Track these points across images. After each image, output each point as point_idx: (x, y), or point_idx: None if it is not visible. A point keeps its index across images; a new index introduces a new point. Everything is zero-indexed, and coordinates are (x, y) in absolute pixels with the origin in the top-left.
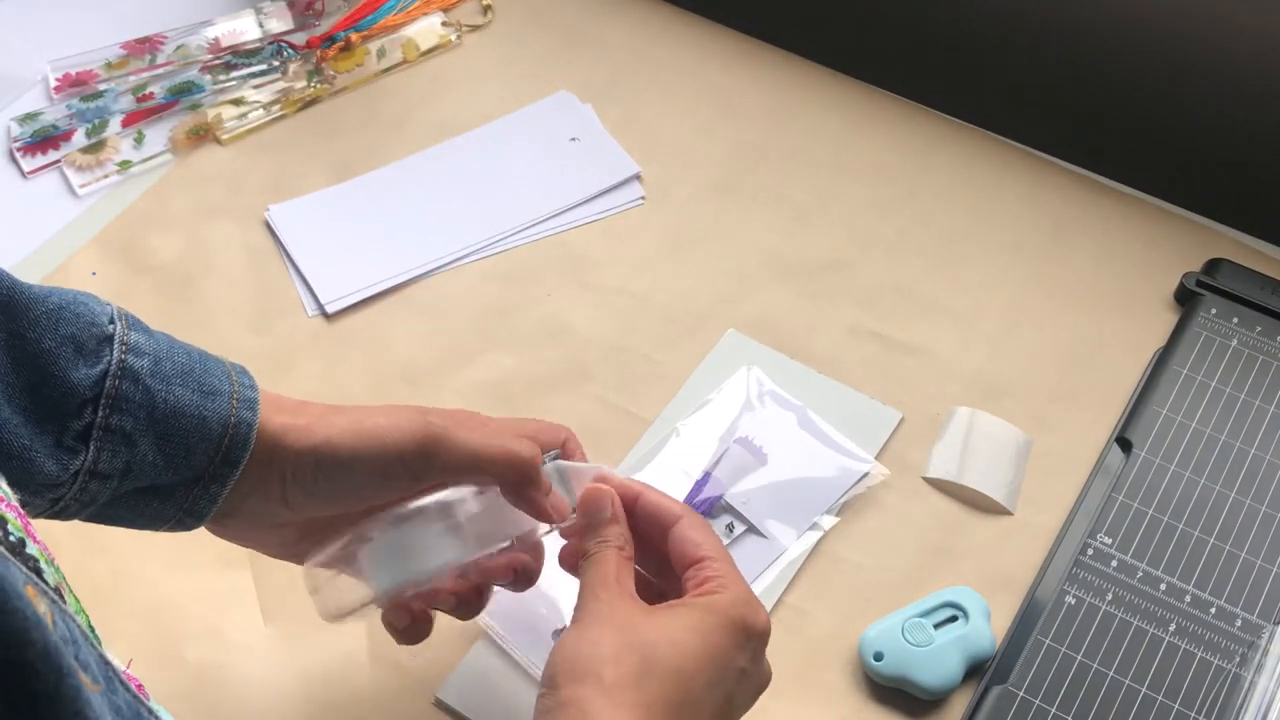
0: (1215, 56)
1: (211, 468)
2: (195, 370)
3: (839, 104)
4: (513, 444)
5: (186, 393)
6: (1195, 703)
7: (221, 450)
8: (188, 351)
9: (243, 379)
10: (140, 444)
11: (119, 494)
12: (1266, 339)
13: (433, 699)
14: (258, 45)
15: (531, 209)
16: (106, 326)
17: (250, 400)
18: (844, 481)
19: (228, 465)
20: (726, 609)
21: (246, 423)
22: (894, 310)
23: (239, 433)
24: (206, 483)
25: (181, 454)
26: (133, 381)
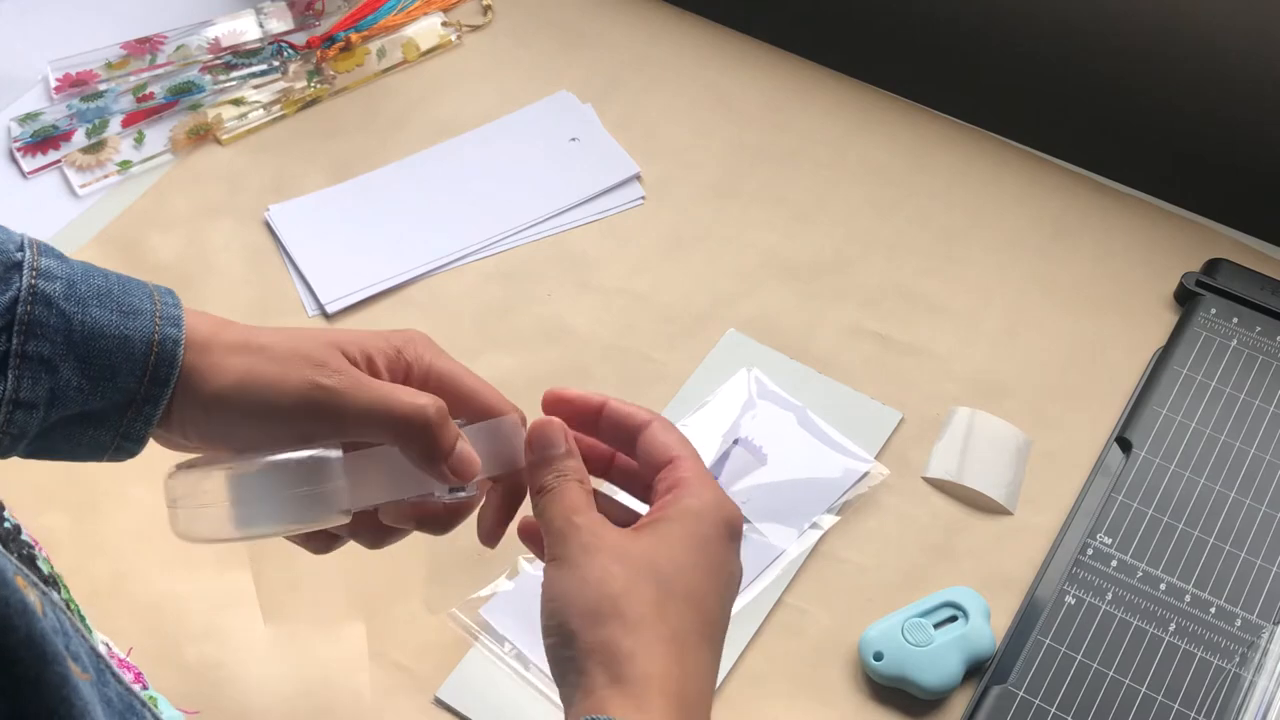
0: (1215, 57)
1: (142, 389)
2: (114, 292)
3: (839, 104)
4: (406, 406)
5: (105, 314)
6: (1195, 703)
7: (149, 370)
8: (106, 275)
9: (166, 298)
10: (61, 369)
11: (50, 424)
12: (1266, 339)
13: (433, 699)
14: (258, 45)
15: (531, 209)
16: (15, 254)
17: (174, 318)
18: (844, 481)
19: (157, 385)
20: (713, 513)
21: (172, 339)
22: (894, 310)
23: (165, 350)
24: (140, 404)
25: (106, 376)
26: (46, 306)
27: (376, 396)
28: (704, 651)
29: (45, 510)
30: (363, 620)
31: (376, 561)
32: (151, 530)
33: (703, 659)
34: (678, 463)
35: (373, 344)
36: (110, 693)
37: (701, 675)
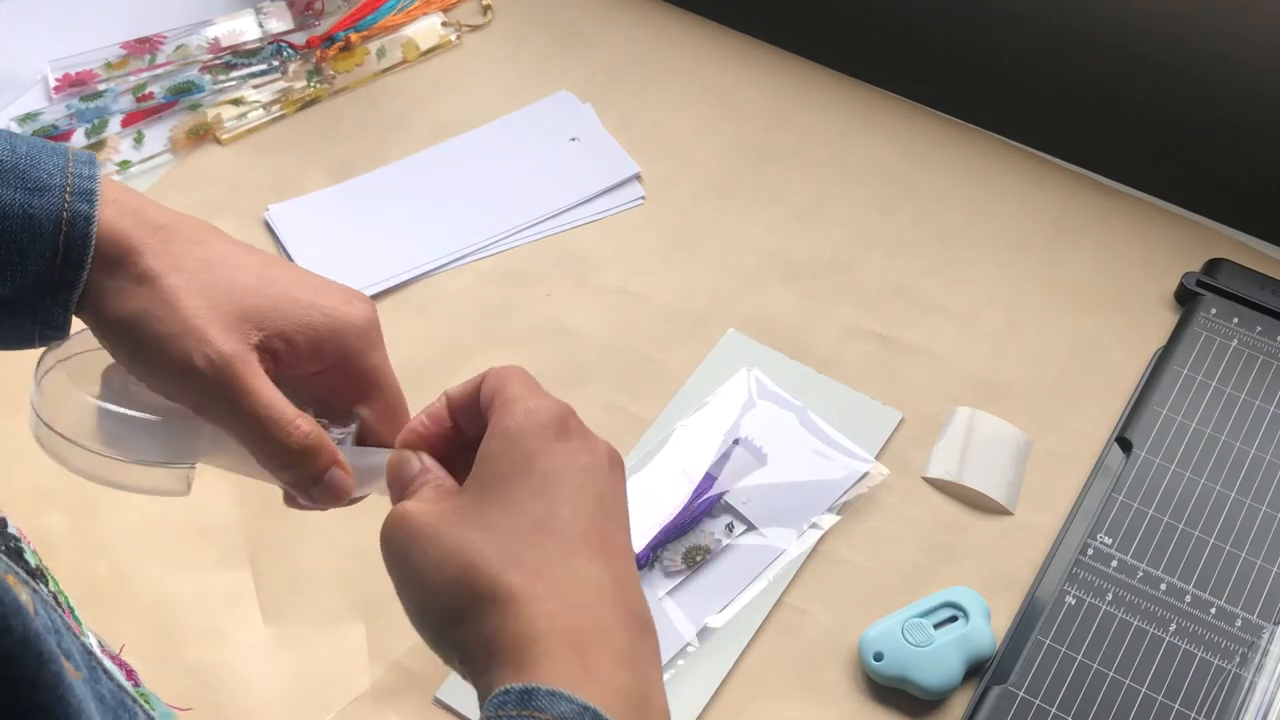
0: (1215, 56)
1: (55, 273)
2: (20, 166)
3: (839, 104)
4: (272, 436)
5: (8, 191)
6: (1195, 703)
7: (60, 251)
8: (14, 146)
9: (81, 168)
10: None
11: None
12: (1266, 339)
13: (432, 699)
14: (258, 45)
15: (531, 209)
16: None
17: (87, 192)
18: (844, 481)
19: (71, 267)
20: (528, 423)
21: (84, 216)
22: (894, 310)
23: (75, 229)
24: (55, 289)
25: (15, 260)
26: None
27: (249, 411)
28: (579, 565)
29: (45, 510)
30: (363, 620)
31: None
32: (151, 530)
33: (579, 573)
34: (499, 389)
35: (300, 321)
36: (103, 689)
37: (586, 588)
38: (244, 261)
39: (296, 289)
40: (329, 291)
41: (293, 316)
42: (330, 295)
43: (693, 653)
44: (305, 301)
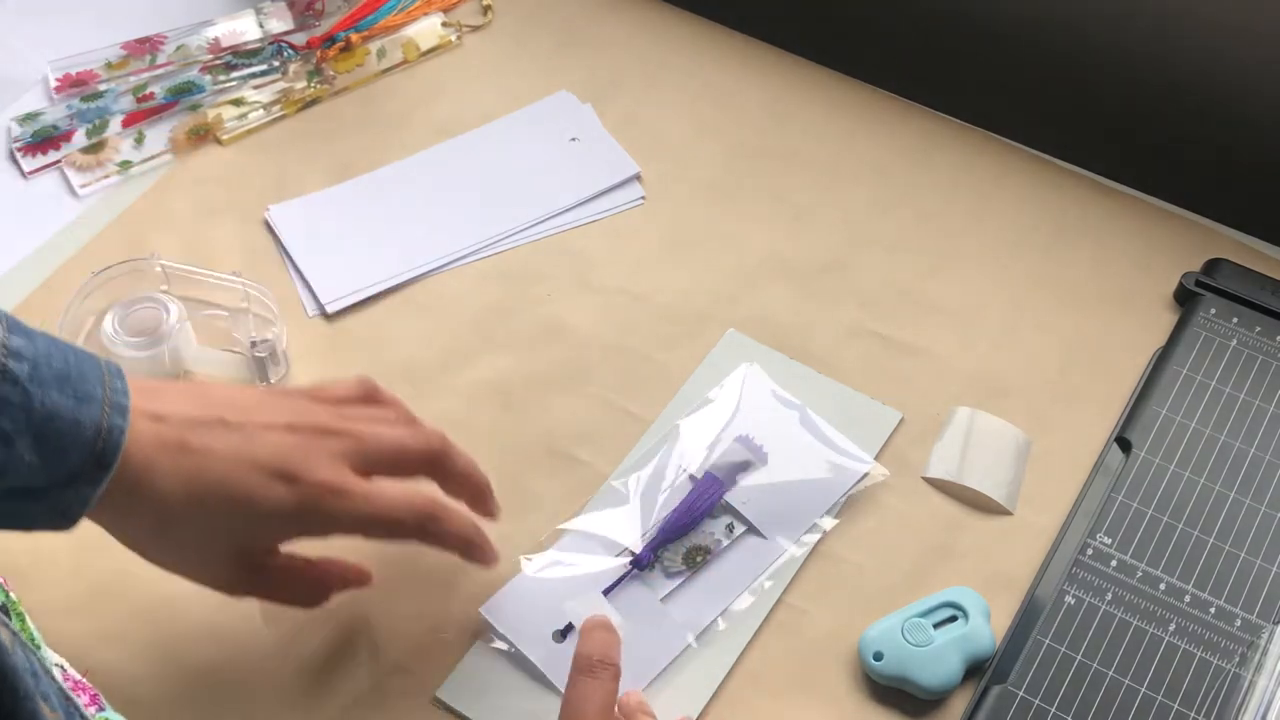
0: (1215, 56)
1: (84, 470)
2: (72, 376)
3: (839, 104)
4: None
5: (63, 398)
6: (1195, 703)
7: (94, 453)
8: (65, 357)
9: (115, 383)
10: (17, 444)
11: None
12: (1266, 339)
13: (432, 698)
14: (258, 45)
15: (531, 209)
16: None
17: (122, 407)
18: (844, 482)
19: (100, 468)
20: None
21: (119, 428)
22: (894, 310)
23: (111, 438)
24: (79, 485)
25: (57, 456)
26: (13, 384)
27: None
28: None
29: None
30: (363, 621)
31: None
32: None
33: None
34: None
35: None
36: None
37: None
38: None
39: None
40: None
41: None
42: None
43: (693, 653)
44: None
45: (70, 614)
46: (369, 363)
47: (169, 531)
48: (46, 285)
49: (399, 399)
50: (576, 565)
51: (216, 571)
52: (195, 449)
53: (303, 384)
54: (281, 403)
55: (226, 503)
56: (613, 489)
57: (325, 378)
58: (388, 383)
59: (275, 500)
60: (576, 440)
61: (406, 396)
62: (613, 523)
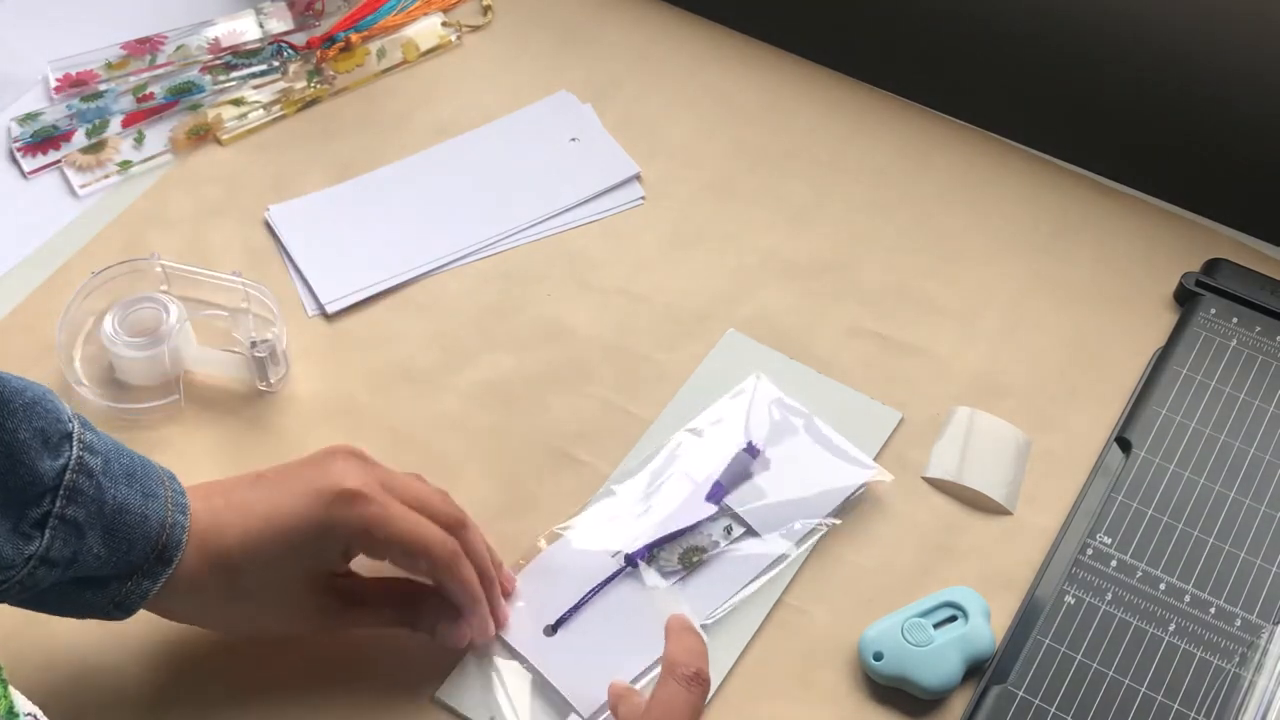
0: (1216, 56)
1: (146, 564)
2: (138, 473)
3: (839, 104)
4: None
5: (131, 493)
6: (1195, 703)
7: (157, 548)
8: (130, 455)
9: (174, 484)
10: (89, 536)
11: (58, 582)
12: (1266, 339)
13: (431, 698)
14: (258, 45)
15: (531, 209)
16: (67, 423)
17: (182, 505)
18: (847, 488)
19: (161, 563)
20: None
21: (180, 525)
22: (894, 310)
23: (174, 534)
24: (139, 578)
25: (124, 548)
26: (88, 476)
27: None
28: None
29: None
30: None
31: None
32: None
33: None
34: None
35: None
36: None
37: None
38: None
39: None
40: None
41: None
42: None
43: None
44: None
45: None
46: (369, 363)
47: (239, 586)
48: (46, 285)
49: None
50: (571, 564)
51: (300, 605)
52: (238, 504)
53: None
54: (315, 461)
55: (282, 532)
56: (613, 491)
57: (325, 378)
58: (388, 383)
59: (320, 510)
60: (576, 440)
61: (406, 396)
62: (614, 524)
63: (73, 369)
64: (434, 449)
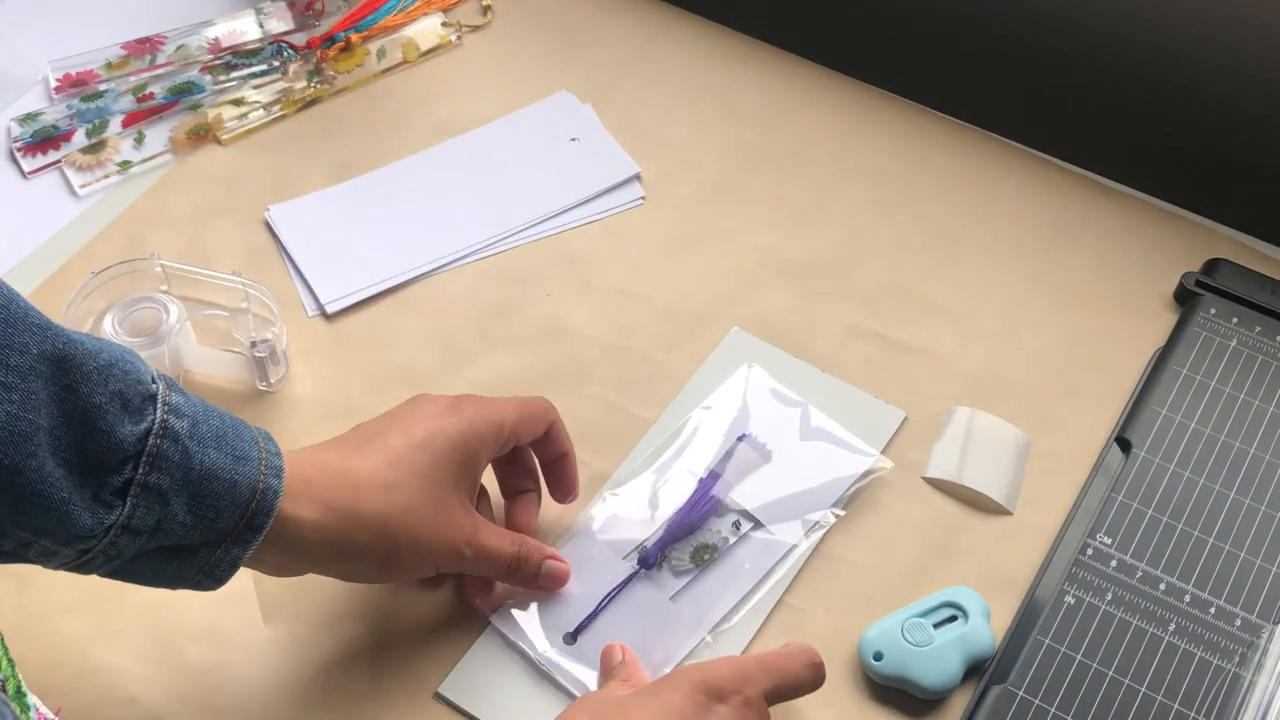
0: (1216, 56)
1: (235, 531)
2: (228, 435)
3: (839, 104)
4: (501, 564)
5: (220, 456)
6: (1195, 703)
7: (246, 515)
8: (220, 416)
9: (269, 445)
10: (173, 503)
11: (144, 551)
12: (1266, 339)
13: (434, 694)
14: (258, 45)
15: (531, 209)
16: (150, 385)
17: (277, 468)
18: (849, 476)
19: (251, 530)
20: (683, 673)
21: (273, 490)
22: (894, 310)
23: (265, 500)
24: (229, 546)
25: (211, 515)
26: (173, 441)
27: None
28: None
29: None
30: (363, 619)
31: None
32: None
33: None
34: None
35: (479, 451)
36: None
37: None
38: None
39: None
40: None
41: (477, 452)
42: (433, 422)
43: (698, 652)
44: (483, 424)
45: (70, 613)
46: (369, 363)
47: (395, 503)
48: (46, 285)
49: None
50: (582, 568)
51: (446, 535)
52: (363, 440)
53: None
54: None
55: (422, 447)
56: (618, 490)
57: (325, 378)
58: (388, 383)
59: (453, 422)
60: (576, 440)
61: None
62: (619, 523)
63: None
64: None
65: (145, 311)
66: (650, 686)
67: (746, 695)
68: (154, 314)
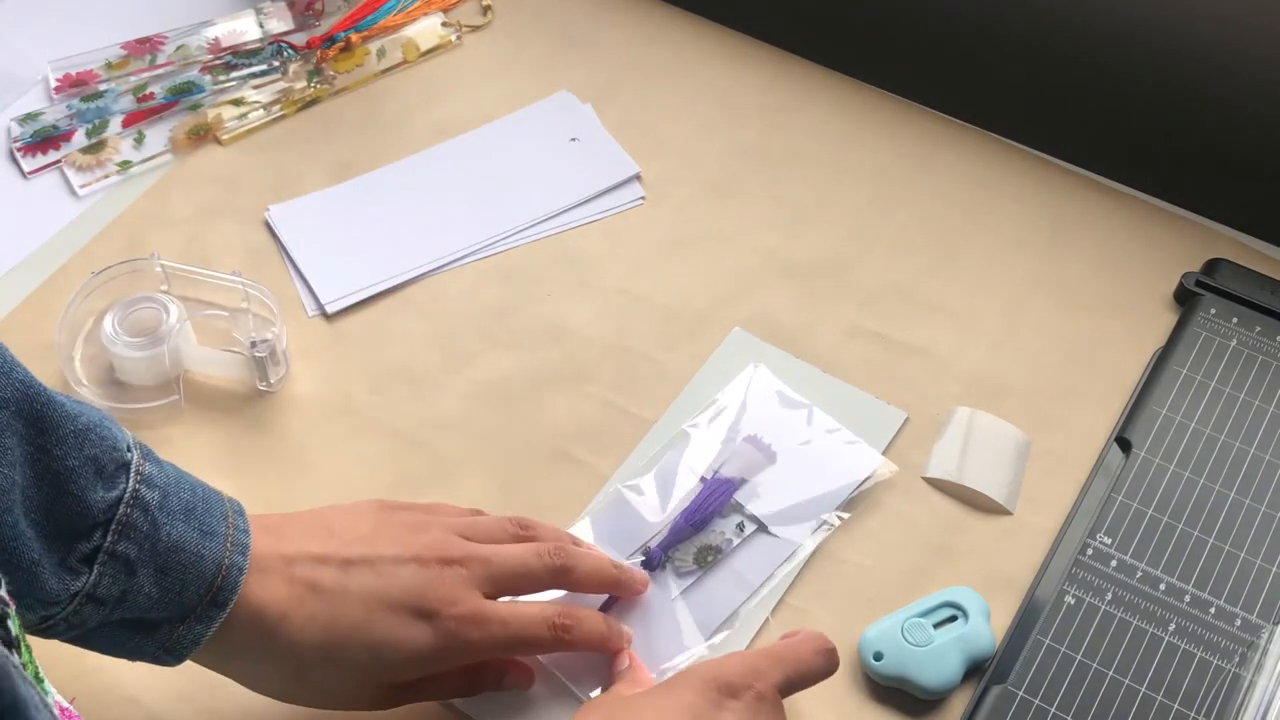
0: (1216, 57)
1: (199, 607)
2: (198, 509)
3: (839, 104)
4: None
5: (188, 530)
6: (1195, 703)
7: (211, 591)
8: (193, 488)
9: (238, 521)
10: (139, 574)
11: (106, 621)
12: (1266, 339)
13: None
14: (258, 45)
15: (531, 209)
16: (125, 453)
17: (243, 545)
18: (852, 478)
19: (215, 606)
20: (698, 670)
21: (238, 568)
22: (894, 310)
23: (229, 577)
24: (191, 622)
25: (176, 589)
26: (143, 511)
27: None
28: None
29: None
30: None
31: None
32: None
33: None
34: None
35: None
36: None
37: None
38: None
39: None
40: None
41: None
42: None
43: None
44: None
45: None
46: (369, 363)
47: (307, 678)
48: (46, 285)
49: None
50: None
51: (358, 703)
52: (328, 591)
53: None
54: (401, 528)
55: (367, 650)
56: (621, 490)
57: (325, 378)
58: (388, 383)
59: (415, 640)
60: (577, 440)
61: (406, 396)
62: (623, 524)
63: (73, 369)
64: (434, 449)
65: (145, 311)
66: (662, 686)
67: (759, 689)
68: (154, 314)
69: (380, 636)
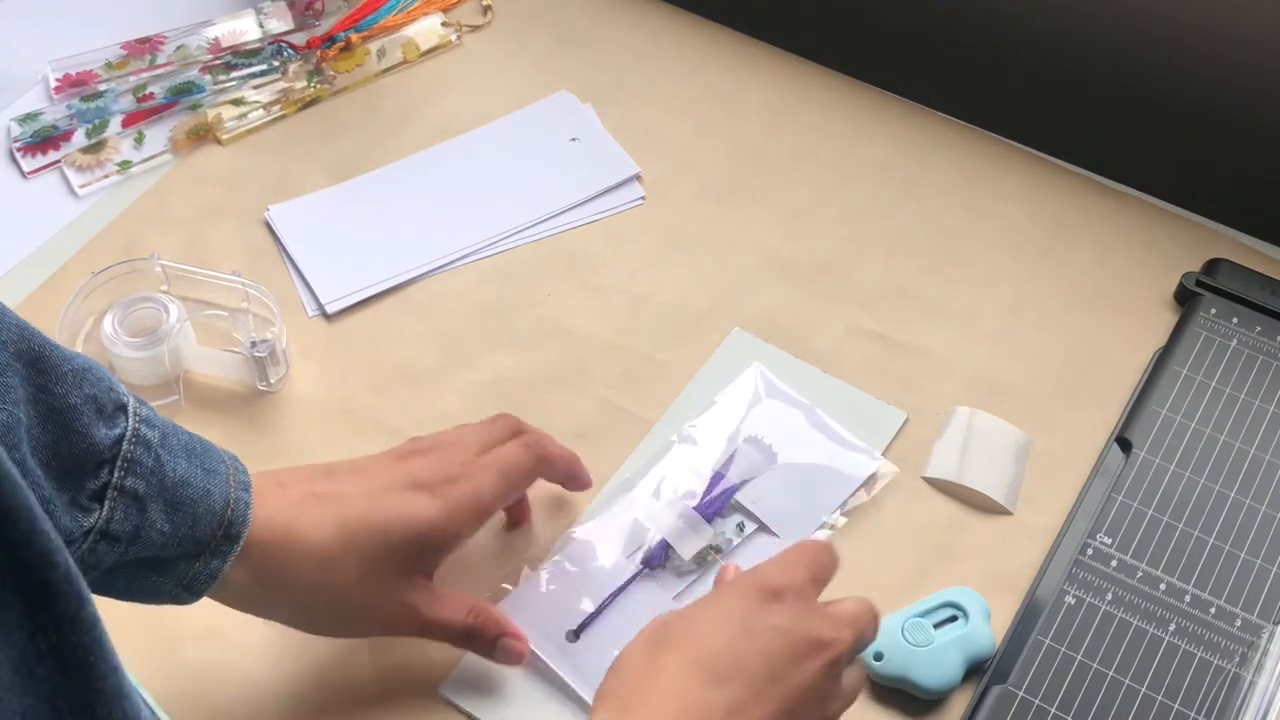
0: (1216, 56)
1: (213, 541)
2: (197, 449)
3: (839, 104)
4: (452, 634)
5: (191, 467)
6: (1195, 703)
7: (223, 523)
8: (188, 433)
9: (235, 463)
10: (150, 509)
11: (122, 561)
12: (1266, 339)
13: (436, 695)
14: (258, 45)
15: (531, 209)
16: (122, 395)
17: (245, 484)
18: (853, 480)
19: (228, 539)
20: (741, 579)
21: (244, 502)
22: (894, 310)
23: (238, 510)
24: (207, 557)
25: (188, 524)
26: (145, 448)
27: (425, 632)
28: (699, 684)
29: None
30: None
31: None
32: None
33: (693, 686)
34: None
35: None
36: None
37: (691, 698)
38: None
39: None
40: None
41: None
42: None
43: None
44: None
45: None
46: (369, 363)
47: (330, 580)
48: (46, 285)
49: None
50: (587, 566)
51: (385, 610)
52: (326, 495)
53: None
54: (393, 455)
55: (380, 532)
56: (622, 490)
57: (325, 378)
58: (388, 383)
59: (422, 510)
60: (577, 440)
61: (406, 396)
62: (623, 525)
63: None
64: None
65: (145, 311)
66: (710, 596)
67: (797, 588)
68: (154, 314)
69: (387, 515)
